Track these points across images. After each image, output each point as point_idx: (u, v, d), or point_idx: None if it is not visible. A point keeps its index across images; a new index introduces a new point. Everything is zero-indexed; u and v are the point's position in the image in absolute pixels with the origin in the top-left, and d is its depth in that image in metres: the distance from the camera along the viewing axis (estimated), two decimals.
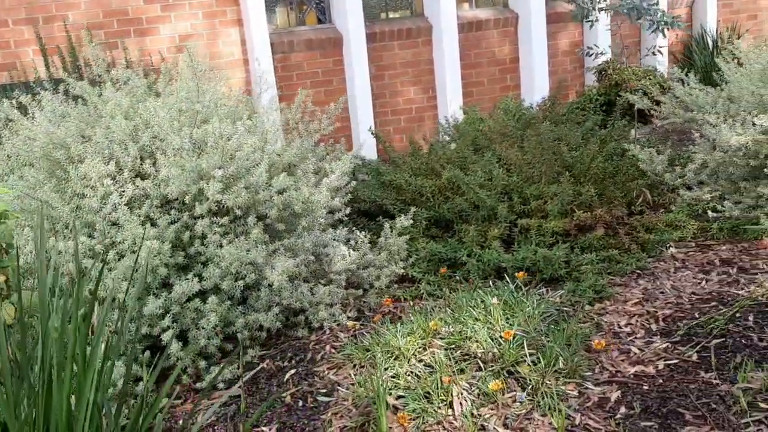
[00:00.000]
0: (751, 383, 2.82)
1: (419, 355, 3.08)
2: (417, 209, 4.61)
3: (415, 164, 4.99)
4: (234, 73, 7.25)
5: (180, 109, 3.55)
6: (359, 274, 3.95)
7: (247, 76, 7.28)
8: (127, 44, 6.91)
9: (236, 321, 3.27)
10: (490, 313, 3.21)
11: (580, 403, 2.80)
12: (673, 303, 3.62)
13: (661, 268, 4.03)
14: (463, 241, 4.26)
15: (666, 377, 2.94)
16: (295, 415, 2.92)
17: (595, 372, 3.02)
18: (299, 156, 3.72)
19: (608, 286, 3.83)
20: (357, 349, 3.21)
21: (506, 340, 2.99)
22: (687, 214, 4.45)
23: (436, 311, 3.44)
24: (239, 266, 3.23)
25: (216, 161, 3.24)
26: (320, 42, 7.36)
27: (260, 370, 3.29)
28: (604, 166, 4.41)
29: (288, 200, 3.51)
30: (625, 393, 2.85)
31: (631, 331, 3.37)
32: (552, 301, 3.58)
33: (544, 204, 4.31)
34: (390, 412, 2.80)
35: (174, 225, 3.28)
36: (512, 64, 8.05)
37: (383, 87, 7.70)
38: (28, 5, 6.61)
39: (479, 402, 2.82)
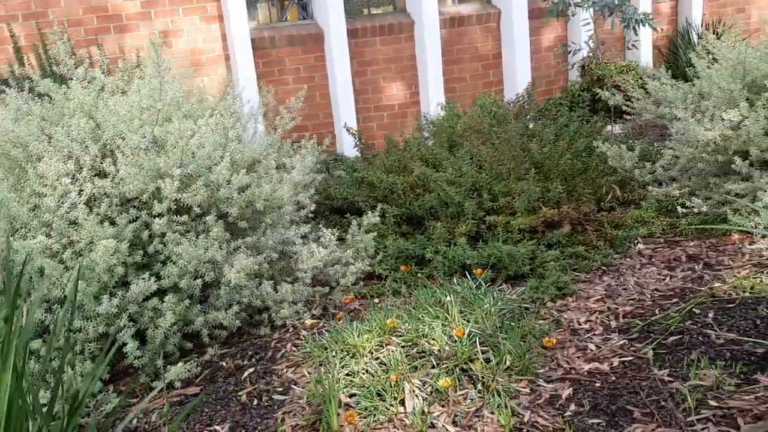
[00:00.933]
0: (703, 380, 2.83)
1: (376, 353, 3.08)
2: (388, 206, 4.61)
3: (388, 161, 4.99)
4: (215, 69, 7.25)
5: (142, 107, 3.54)
6: (326, 271, 3.95)
7: (228, 73, 7.27)
8: (107, 41, 6.91)
9: (195, 320, 3.28)
10: (447, 311, 3.21)
11: (531, 401, 2.81)
12: (635, 299, 3.63)
13: (627, 265, 4.03)
14: (432, 238, 4.26)
15: (619, 374, 2.95)
16: (249, 413, 2.92)
17: (549, 369, 3.02)
18: (261, 153, 3.72)
19: (572, 282, 3.83)
20: (316, 348, 3.22)
21: (458, 337, 2.99)
22: (656, 211, 4.46)
23: (396, 309, 3.44)
24: (197, 265, 3.23)
25: (175, 160, 3.24)
26: (301, 38, 7.35)
27: (219, 368, 3.29)
28: (573, 162, 4.41)
29: (250, 197, 3.51)
30: (577, 390, 2.86)
31: (589, 328, 3.37)
32: (511, 298, 3.58)
33: (512, 201, 4.31)
34: (342, 410, 2.81)
35: (133, 224, 3.29)
36: (495, 60, 8.04)
37: (365, 83, 7.69)
38: (7, 2, 6.61)
39: (431, 399, 2.83)
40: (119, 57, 6.88)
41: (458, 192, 4.43)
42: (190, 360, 3.32)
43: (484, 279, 3.83)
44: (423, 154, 5.07)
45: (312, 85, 7.50)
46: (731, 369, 2.88)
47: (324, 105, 7.59)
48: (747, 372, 2.85)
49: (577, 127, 4.84)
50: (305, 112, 7.53)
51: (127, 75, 4.05)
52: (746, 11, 9.65)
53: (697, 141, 4.27)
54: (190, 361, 3.29)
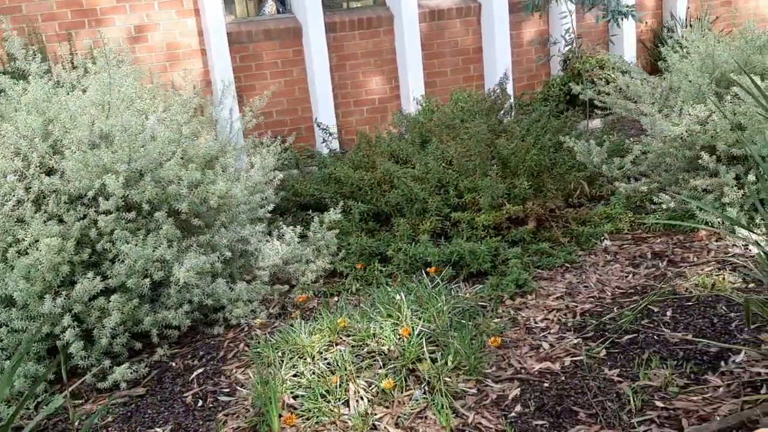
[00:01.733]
0: (652, 381, 2.78)
1: (325, 353, 3.03)
2: (356, 202, 4.56)
3: (356, 157, 4.94)
4: (192, 63, 7.17)
5: (93, 102, 3.49)
6: (286, 269, 3.90)
7: (204, 67, 7.20)
8: (82, 36, 6.83)
9: (144, 319, 3.23)
10: (400, 310, 3.16)
11: (477, 401, 2.76)
12: (595, 297, 3.58)
13: (591, 262, 3.98)
14: (396, 235, 4.21)
15: (569, 374, 2.90)
16: (192, 415, 2.87)
17: (499, 369, 2.97)
18: (219, 150, 3.67)
19: (534, 280, 3.78)
20: (266, 348, 3.17)
21: (405, 337, 2.94)
22: (624, 207, 4.40)
23: (351, 308, 3.39)
24: (145, 263, 3.18)
25: (120, 156, 3.18)
26: (279, 32, 7.28)
27: (168, 368, 3.24)
28: (539, 158, 4.35)
29: (204, 194, 3.46)
30: (524, 390, 2.81)
31: (545, 327, 3.33)
32: (464, 297, 3.53)
33: (478, 197, 4.26)
34: (287, 411, 2.76)
35: (81, 222, 3.23)
36: (476, 54, 7.97)
37: (345, 77, 7.62)
38: None
39: (377, 401, 2.78)
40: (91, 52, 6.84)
41: (424, 188, 4.38)
42: (140, 360, 3.27)
43: (446, 277, 3.79)
44: (393, 149, 5.02)
45: (290, 79, 7.44)
46: (682, 369, 2.83)
47: (303, 100, 7.52)
48: (697, 372, 2.81)
49: (545, 122, 4.77)
50: (284, 107, 7.48)
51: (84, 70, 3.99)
52: (733, 4, 9.58)
53: (664, 136, 4.21)
54: (139, 362, 3.24)
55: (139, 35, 7.01)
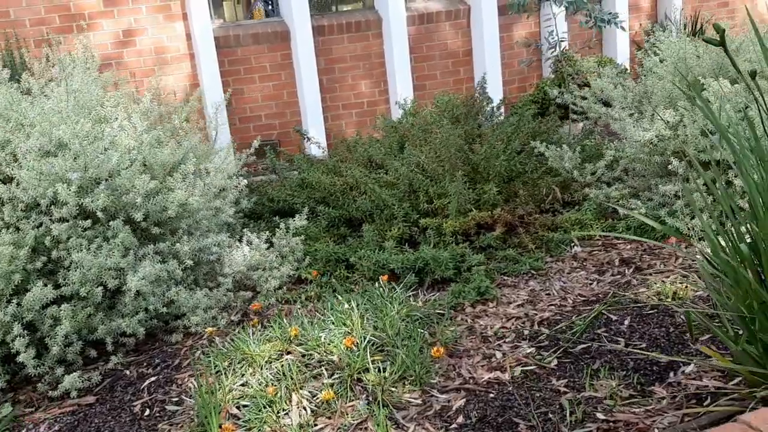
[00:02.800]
0: (598, 392, 2.75)
1: (275, 362, 3.03)
2: (327, 208, 4.56)
3: (331, 162, 4.93)
4: (180, 67, 7.19)
5: (52, 109, 3.50)
6: (251, 276, 3.90)
7: (193, 71, 7.22)
8: (71, 40, 6.86)
9: (99, 327, 3.23)
10: (351, 318, 3.15)
11: (420, 412, 2.74)
12: (556, 305, 3.55)
13: (557, 269, 3.95)
14: (364, 241, 4.19)
15: (517, 384, 2.87)
16: (138, 424, 2.87)
17: (448, 379, 2.95)
18: (180, 157, 3.67)
19: (497, 287, 3.76)
20: (217, 356, 3.16)
21: (347, 347, 2.93)
22: (595, 213, 4.36)
23: (307, 316, 3.38)
24: (98, 272, 3.18)
25: (73, 164, 3.19)
26: (267, 36, 7.28)
27: (122, 377, 3.25)
28: (509, 164, 4.32)
29: (162, 203, 3.46)
30: (469, 401, 2.79)
31: (501, 335, 3.30)
32: (415, 305, 3.50)
33: (448, 203, 4.24)
34: (230, 422, 2.76)
35: (37, 230, 3.24)
36: (465, 57, 7.94)
37: (333, 81, 7.61)
38: None
39: (320, 411, 2.77)
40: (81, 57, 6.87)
41: (394, 194, 4.37)
42: (96, 368, 3.28)
43: (409, 284, 3.77)
44: (370, 154, 5.01)
45: (279, 83, 7.44)
46: (629, 380, 2.80)
47: (292, 103, 7.52)
48: (645, 383, 2.77)
49: (515, 128, 4.74)
50: (272, 110, 7.49)
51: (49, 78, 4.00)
52: (730, 5, 9.49)
53: (635, 141, 4.18)
54: (93, 370, 3.25)
55: (128, 39, 7.04)
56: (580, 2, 5.02)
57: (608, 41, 8.36)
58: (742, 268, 2.32)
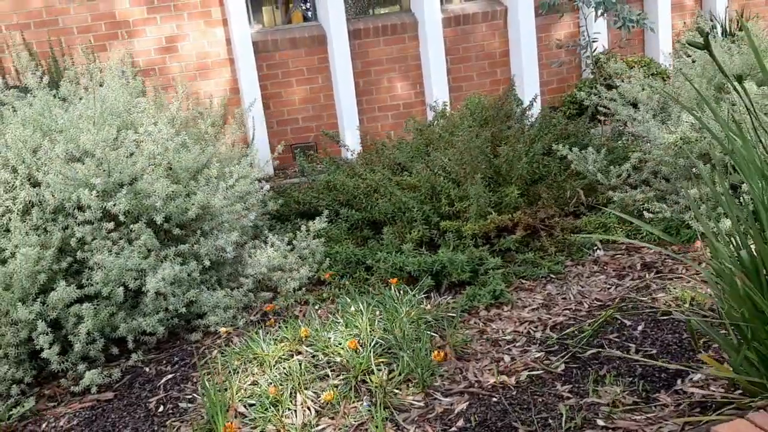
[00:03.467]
0: (601, 398, 2.74)
1: (284, 362, 3.09)
2: (350, 210, 4.61)
3: (357, 165, 4.99)
4: (221, 72, 7.35)
5: (81, 116, 3.64)
6: (271, 277, 3.98)
7: (233, 75, 7.36)
8: (116, 47, 7.07)
9: (120, 326, 3.35)
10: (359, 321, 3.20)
11: (422, 415, 2.77)
12: (571, 310, 3.53)
13: (576, 273, 3.92)
14: (384, 244, 4.24)
15: (522, 389, 2.88)
16: (151, 420, 2.97)
17: (453, 382, 2.97)
18: (201, 162, 3.77)
19: (514, 290, 3.76)
20: (233, 356, 3.25)
21: (351, 349, 2.97)
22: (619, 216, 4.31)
23: (317, 317, 3.44)
24: (119, 273, 3.30)
25: (95, 169, 3.32)
26: (304, 40, 7.38)
27: (141, 373, 3.36)
28: (531, 167, 4.31)
29: (184, 205, 3.57)
30: (472, 405, 2.80)
31: (512, 339, 3.30)
32: (424, 308, 3.52)
33: (468, 206, 4.25)
34: (238, 420, 2.83)
35: (64, 232, 3.38)
36: (502, 58, 7.91)
37: (370, 83, 7.67)
38: (22, 11, 6.83)
39: (324, 412, 2.82)
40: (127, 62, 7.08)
41: (415, 197, 4.40)
42: (117, 365, 3.40)
43: (425, 286, 3.80)
44: (396, 157, 5.05)
45: (316, 86, 7.54)
46: (635, 386, 2.77)
47: (328, 106, 7.61)
48: (650, 390, 2.75)
49: (537, 130, 4.71)
50: (310, 113, 7.59)
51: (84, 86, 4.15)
52: None
53: (659, 144, 4.12)
54: (116, 366, 3.37)
55: (170, 45, 7.22)
56: (608, 2, 4.96)
57: (650, 41, 8.22)
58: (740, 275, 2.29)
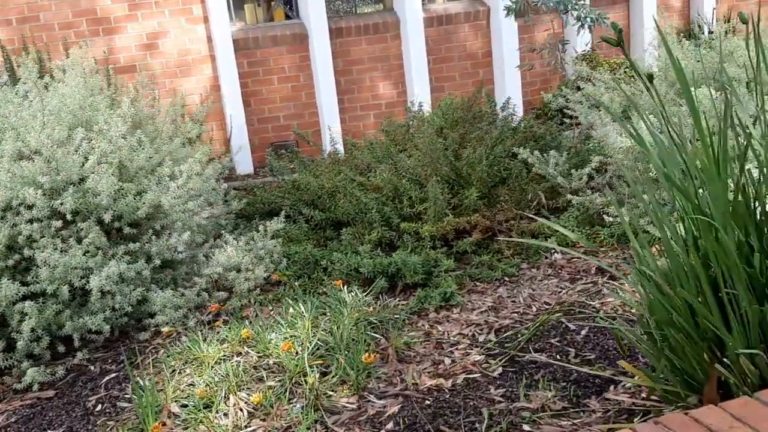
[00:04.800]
0: (531, 402, 2.73)
1: (224, 363, 3.10)
2: (315, 210, 4.61)
3: (323, 164, 4.99)
4: (201, 69, 7.35)
5: (35, 113, 3.65)
6: (226, 276, 3.98)
7: (214, 73, 7.36)
8: (97, 43, 7.08)
9: (66, 324, 3.36)
10: (302, 322, 3.20)
11: (353, 417, 2.77)
12: (518, 313, 3.52)
13: (530, 276, 3.92)
14: (343, 245, 4.24)
15: (456, 392, 2.88)
16: (87, 419, 2.98)
17: (390, 384, 2.97)
18: (156, 160, 3.78)
19: (464, 293, 3.76)
20: (175, 356, 3.25)
21: (286, 351, 2.98)
22: (579, 220, 4.30)
23: (264, 318, 3.44)
24: (64, 271, 3.31)
25: (42, 167, 3.33)
26: (285, 38, 7.38)
27: (85, 372, 3.36)
28: (490, 169, 4.30)
29: (134, 204, 3.57)
30: (404, 407, 2.80)
31: (456, 342, 3.30)
32: (366, 310, 3.51)
33: (429, 208, 4.24)
34: (171, 420, 2.84)
35: (12, 228, 3.39)
36: (485, 59, 7.89)
37: (351, 82, 7.67)
38: (2, 6, 6.85)
39: (256, 414, 2.82)
40: (108, 59, 7.09)
41: (376, 198, 4.39)
42: (62, 363, 3.40)
43: (379, 288, 3.80)
44: (363, 158, 5.05)
45: (297, 85, 7.54)
46: (567, 392, 2.77)
47: (310, 105, 7.61)
48: (581, 396, 2.74)
49: (499, 132, 4.70)
50: (291, 111, 7.59)
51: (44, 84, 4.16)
52: None
53: (618, 148, 4.11)
54: (60, 365, 3.37)
55: (151, 42, 7.22)
56: (568, 1, 4.93)
57: (635, 43, 8.20)
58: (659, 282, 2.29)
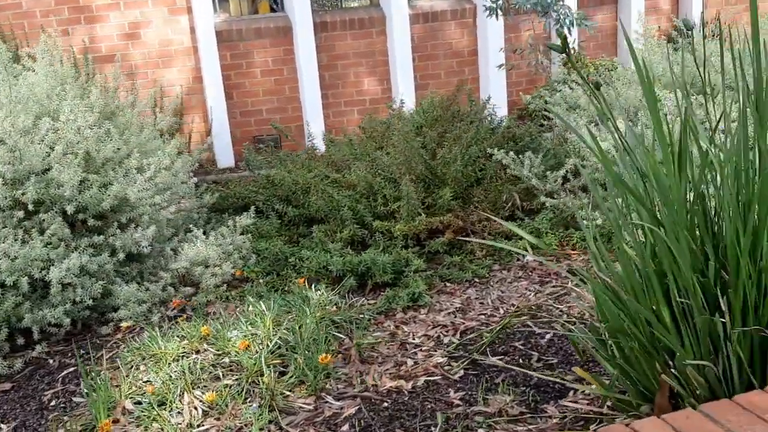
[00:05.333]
0: (489, 406, 2.70)
1: (183, 360, 3.05)
2: (288, 207, 4.57)
3: (299, 160, 4.94)
4: (184, 60, 7.28)
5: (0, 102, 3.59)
6: (194, 271, 3.93)
7: (196, 64, 7.29)
8: (78, 32, 7.01)
9: (25, 316, 3.31)
10: (263, 320, 3.16)
11: (309, 418, 2.73)
12: (486, 315, 3.49)
13: (500, 277, 3.88)
14: (314, 242, 4.20)
15: (415, 394, 2.84)
16: (40, 413, 2.93)
17: (349, 385, 2.93)
18: (124, 152, 3.73)
19: (434, 293, 3.72)
20: (134, 351, 3.20)
21: (244, 350, 2.93)
22: (553, 222, 4.27)
23: (227, 316, 3.40)
24: (25, 262, 3.26)
25: (3, 156, 3.27)
26: (269, 30, 7.32)
27: (44, 365, 3.32)
28: (465, 170, 4.27)
29: (98, 196, 3.52)
30: (362, 409, 2.76)
31: (420, 343, 3.26)
32: (330, 309, 3.47)
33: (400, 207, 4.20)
34: (125, 417, 2.80)
35: None
36: (471, 57, 7.85)
37: (336, 77, 7.61)
38: None
39: (211, 413, 2.78)
40: (89, 48, 7.02)
41: (350, 195, 4.35)
42: (21, 356, 3.35)
43: (348, 287, 3.77)
44: (344, 154, 5.01)
45: (281, 78, 7.48)
46: (525, 396, 2.74)
47: (293, 99, 7.55)
48: (540, 401, 2.71)
49: (475, 132, 4.66)
50: (274, 105, 7.53)
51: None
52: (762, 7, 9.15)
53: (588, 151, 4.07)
54: (19, 357, 3.32)
55: (133, 32, 7.15)
56: (544, 2, 4.88)
57: (622, 45, 8.17)
58: (610, 289, 2.26)
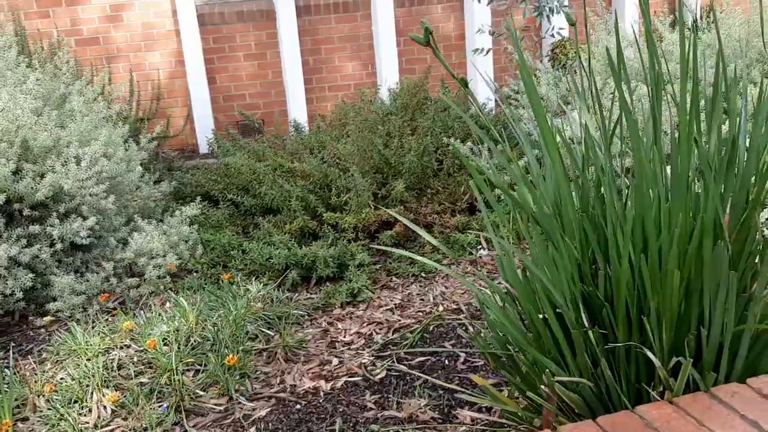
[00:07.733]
0: (402, 411, 2.61)
1: (101, 356, 2.99)
2: (245, 196, 4.49)
3: (261, 148, 4.85)
4: (167, 44, 7.20)
5: None
6: (138, 262, 3.87)
7: (179, 47, 7.21)
8: (58, 14, 6.95)
9: None
10: (186, 316, 3.08)
11: (216, 420, 2.66)
12: (424, 312, 3.39)
13: (446, 273, 3.78)
14: (262, 234, 4.11)
15: (331, 396, 2.76)
16: None
17: (267, 385, 2.86)
18: (62, 141, 3.66)
19: (377, 288, 3.63)
20: (58, 346, 3.15)
21: (152, 348, 2.86)
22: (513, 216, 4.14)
23: (155, 310, 3.33)
24: None
25: None
26: (252, 14, 7.22)
27: None
28: (420, 160, 4.15)
29: (33, 186, 3.46)
30: (273, 411, 2.69)
31: (351, 341, 3.18)
32: (257, 305, 3.37)
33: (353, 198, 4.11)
34: (36, 415, 2.74)
35: None
36: (458, 42, 7.70)
37: (320, 62, 7.50)
38: None
39: (119, 412, 2.72)
40: (70, 31, 6.96)
41: (303, 186, 4.26)
42: None
43: (290, 281, 3.69)
44: (307, 143, 4.91)
45: (264, 62, 7.38)
46: (441, 401, 2.64)
47: (277, 83, 7.45)
48: (454, 405, 2.62)
49: (431, 121, 4.53)
50: (258, 90, 7.44)
51: None
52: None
53: None
54: None
55: (115, 14, 7.08)
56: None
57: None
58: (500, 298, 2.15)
